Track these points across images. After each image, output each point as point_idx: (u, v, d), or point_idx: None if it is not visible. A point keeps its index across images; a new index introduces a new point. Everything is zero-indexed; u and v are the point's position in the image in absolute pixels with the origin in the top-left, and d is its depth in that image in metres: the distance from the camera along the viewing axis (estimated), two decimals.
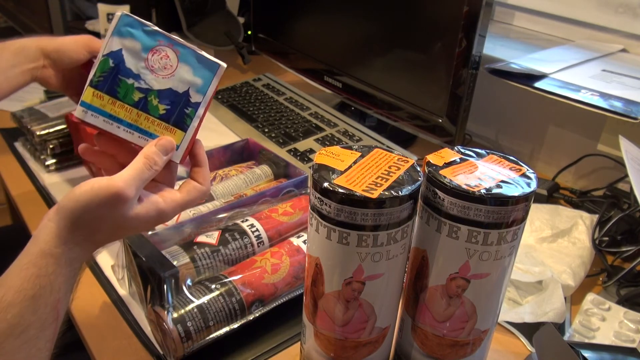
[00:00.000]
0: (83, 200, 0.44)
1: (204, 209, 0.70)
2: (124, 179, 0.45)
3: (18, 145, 0.94)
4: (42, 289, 0.43)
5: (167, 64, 0.48)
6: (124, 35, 0.49)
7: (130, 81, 0.48)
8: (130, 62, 0.48)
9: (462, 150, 0.49)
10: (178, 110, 0.48)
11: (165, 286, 0.55)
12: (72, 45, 0.76)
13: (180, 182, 0.51)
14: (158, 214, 0.48)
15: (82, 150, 0.53)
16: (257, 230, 0.65)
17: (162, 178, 0.51)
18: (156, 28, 0.49)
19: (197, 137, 0.51)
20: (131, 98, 0.48)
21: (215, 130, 1.03)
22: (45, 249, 0.44)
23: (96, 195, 0.43)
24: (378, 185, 0.42)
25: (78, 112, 0.48)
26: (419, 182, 0.44)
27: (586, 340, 0.61)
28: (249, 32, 1.30)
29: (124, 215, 0.45)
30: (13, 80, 0.73)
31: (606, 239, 0.75)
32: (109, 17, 1.12)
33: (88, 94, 0.48)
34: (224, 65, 0.49)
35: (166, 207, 0.48)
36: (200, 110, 0.49)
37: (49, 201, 0.81)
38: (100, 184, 0.44)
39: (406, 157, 0.47)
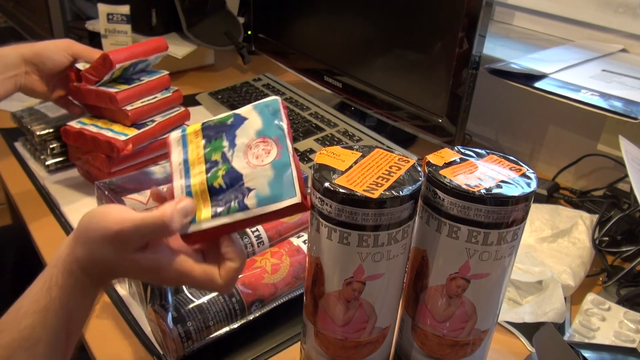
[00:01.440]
0: (91, 227, 0.42)
1: None
2: (134, 222, 0.42)
3: (18, 145, 0.94)
4: (52, 300, 0.42)
5: (262, 156, 0.45)
6: (260, 112, 0.47)
7: (225, 143, 0.46)
8: (241, 132, 0.46)
9: (462, 150, 0.49)
10: (227, 196, 0.45)
11: (165, 286, 0.55)
12: (53, 48, 0.76)
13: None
14: (156, 269, 0.44)
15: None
16: (257, 230, 0.65)
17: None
18: (285, 126, 0.46)
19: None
20: (211, 154, 0.46)
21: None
22: (60, 258, 0.43)
23: (101, 227, 0.42)
24: (379, 185, 0.42)
25: (174, 135, 0.48)
26: (419, 182, 0.44)
27: (586, 340, 0.61)
28: (249, 32, 1.30)
29: (122, 257, 0.42)
30: None
31: (606, 239, 0.75)
32: (109, 17, 1.12)
33: (193, 127, 0.48)
34: (298, 199, 0.43)
35: (167, 267, 0.44)
36: (241, 215, 0.44)
37: (49, 201, 0.81)
38: (114, 217, 0.42)
39: (407, 157, 0.47)
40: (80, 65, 0.77)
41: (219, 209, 0.44)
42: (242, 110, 0.47)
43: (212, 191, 0.45)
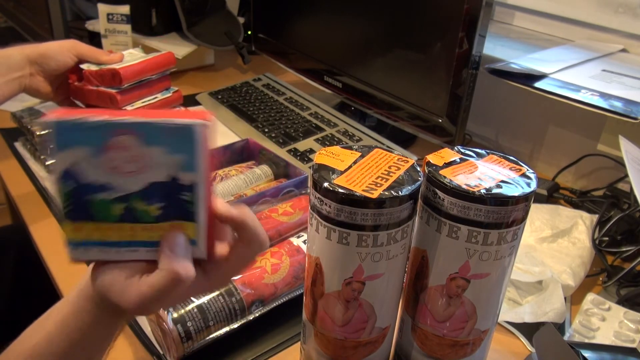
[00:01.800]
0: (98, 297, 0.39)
1: None
2: (132, 301, 0.37)
3: (18, 145, 0.94)
4: (73, 345, 0.40)
5: (131, 155, 0.36)
6: (66, 146, 0.36)
7: (100, 196, 0.37)
8: (89, 174, 0.36)
9: (462, 150, 0.49)
10: (175, 203, 0.37)
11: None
12: (58, 49, 0.76)
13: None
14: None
15: None
16: None
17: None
18: (98, 119, 0.35)
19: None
20: (113, 215, 0.38)
21: (216, 130, 1.03)
22: (83, 306, 0.40)
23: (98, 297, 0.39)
24: (378, 185, 0.42)
25: (71, 254, 0.39)
26: (419, 182, 0.44)
27: (586, 340, 0.61)
28: (249, 32, 1.30)
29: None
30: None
31: (606, 239, 0.75)
32: (109, 17, 1.12)
33: (67, 229, 0.38)
34: (201, 122, 0.36)
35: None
36: (201, 190, 0.37)
37: (49, 201, 0.81)
38: (112, 292, 0.38)
39: (406, 157, 0.47)
40: (85, 66, 0.78)
41: (188, 213, 0.38)
42: (58, 168, 0.37)
43: (162, 218, 0.38)
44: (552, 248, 0.73)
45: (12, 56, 0.73)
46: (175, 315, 0.54)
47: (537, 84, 0.80)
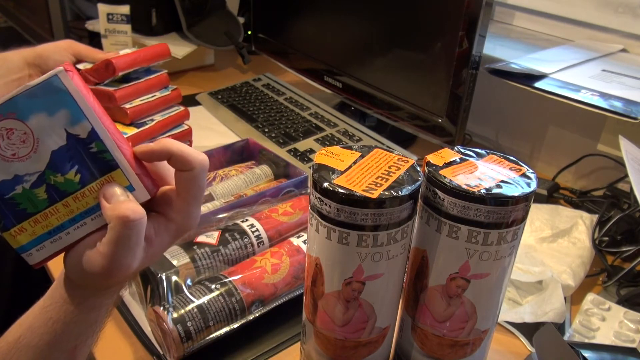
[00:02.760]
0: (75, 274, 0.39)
1: (204, 208, 0.70)
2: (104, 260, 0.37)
3: None
4: (57, 336, 0.40)
5: (17, 136, 0.35)
6: None
7: (17, 190, 0.37)
8: None
9: (462, 150, 0.49)
10: (86, 160, 0.37)
11: (165, 286, 0.55)
12: (54, 48, 0.76)
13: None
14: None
15: None
16: (257, 230, 0.65)
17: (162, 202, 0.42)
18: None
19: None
20: (40, 201, 0.37)
21: (215, 130, 1.03)
22: (65, 295, 0.40)
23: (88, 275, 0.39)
24: (378, 185, 0.42)
25: (29, 260, 0.39)
26: (419, 182, 0.44)
27: (586, 340, 0.61)
28: (249, 32, 1.30)
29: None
30: None
31: (606, 239, 0.75)
32: (109, 17, 1.12)
33: (11, 239, 0.38)
34: (58, 71, 0.35)
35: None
36: (104, 135, 0.36)
37: None
38: (88, 269, 0.38)
39: (406, 157, 0.47)
40: (81, 66, 0.78)
41: (106, 163, 0.38)
42: None
43: (86, 181, 0.38)
44: (552, 248, 0.73)
45: (10, 59, 0.73)
46: (175, 315, 0.54)
47: (537, 84, 0.80)
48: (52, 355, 0.40)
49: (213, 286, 0.57)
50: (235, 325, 0.57)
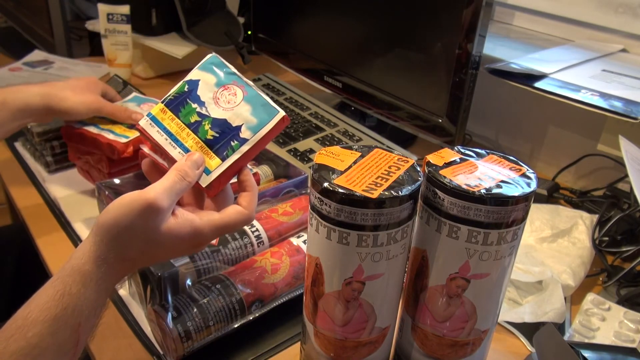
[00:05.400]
0: (115, 213, 0.43)
1: None
2: (156, 190, 0.44)
3: (18, 145, 0.94)
4: (64, 309, 0.42)
5: (232, 99, 0.51)
6: (206, 69, 0.53)
7: (194, 105, 0.51)
8: (201, 92, 0.52)
9: (462, 150, 0.49)
10: (224, 141, 0.50)
11: (165, 286, 0.55)
12: (83, 109, 0.72)
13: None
14: (193, 231, 0.46)
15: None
16: (257, 230, 0.65)
17: (191, 201, 0.51)
18: (235, 71, 0.53)
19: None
20: (188, 119, 0.51)
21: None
22: (75, 265, 0.43)
23: (128, 207, 0.43)
24: (378, 185, 0.42)
25: (142, 121, 0.52)
26: (419, 182, 0.44)
27: (586, 340, 0.61)
28: (249, 32, 1.30)
29: (157, 228, 0.44)
30: (10, 131, 0.70)
31: (606, 239, 0.75)
32: (109, 17, 1.12)
33: (156, 108, 0.52)
34: (283, 113, 0.51)
35: (202, 225, 0.47)
36: (245, 147, 0.50)
37: (48, 201, 0.81)
38: (132, 196, 0.44)
39: (406, 157, 0.47)
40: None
41: (224, 152, 0.50)
42: (191, 76, 0.52)
43: (208, 143, 0.50)
44: (552, 248, 0.73)
45: (34, 105, 0.69)
46: (175, 315, 0.54)
47: (537, 84, 0.80)
48: (58, 329, 0.41)
49: (213, 286, 0.57)
50: (235, 325, 0.57)
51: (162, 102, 0.52)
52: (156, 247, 0.45)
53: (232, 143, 0.50)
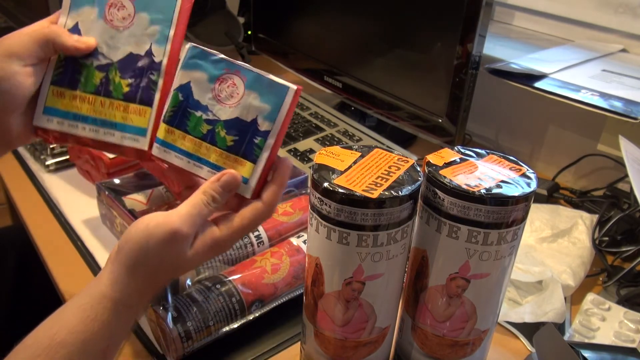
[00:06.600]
0: (138, 241, 0.42)
1: None
2: (180, 215, 0.42)
3: None
4: (94, 334, 0.41)
5: (234, 92, 0.46)
6: (191, 67, 0.47)
7: (198, 113, 0.47)
8: (198, 94, 0.47)
9: (462, 150, 0.49)
10: (247, 141, 0.46)
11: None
12: (27, 40, 0.52)
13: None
14: (215, 244, 0.45)
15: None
16: (257, 230, 0.65)
17: (231, 207, 0.48)
18: (222, 56, 0.47)
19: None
20: (199, 131, 0.47)
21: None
22: (105, 292, 0.42)
23: (151, 235, 0.42)
24: (378, 185, 0.42)
25: (155, 150, 0.48)
26: (419, 182, 0.44)
27: (586, 340, 0.61)
28: (249, 32, 1.30)
29: (182, 254, 0.43)
30: None
31: (606, 239, 0.75)
32: None
33: (161, 130, 0.48)
34: (294, 87, 0.45)
35: (222, 236, 0.45)
36: (270, 140, 0.46)
37: (49, 201, 0.81)
38: (156, 220, 0.42)
39: (406, 157, 0.47)
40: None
41: (252, 153, 0.46)
42: (178, 80, 0.47)
43: (232, 150, 0.46)
44: (552, 248, 0.73)
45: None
46: (175, 315, 0.54)
47: (537, 84, 0.80)
48: (87, 352, 0.41)
49: (213, 286, 0.57)
50: (235, 325, 0.57)
51: (164, 121, 0.48)
52: (183, 269, 0.45)
53: (256, 141, 0.46)
